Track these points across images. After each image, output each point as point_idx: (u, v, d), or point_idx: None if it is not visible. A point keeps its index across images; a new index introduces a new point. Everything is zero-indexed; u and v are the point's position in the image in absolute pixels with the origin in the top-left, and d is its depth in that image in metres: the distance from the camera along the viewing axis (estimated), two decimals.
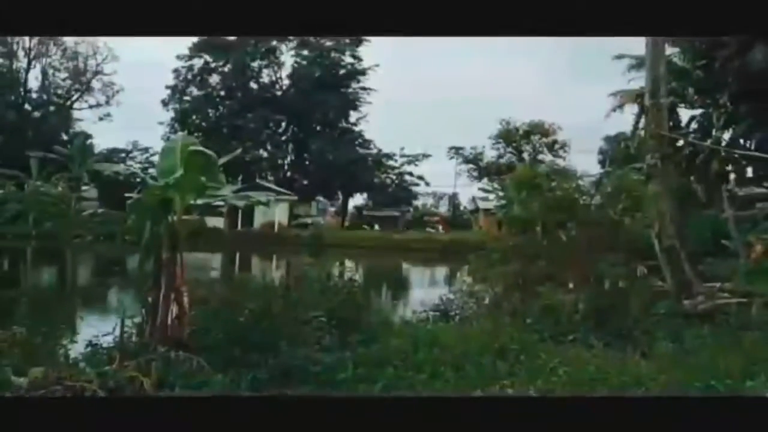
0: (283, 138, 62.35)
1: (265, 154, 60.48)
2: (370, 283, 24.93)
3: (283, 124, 61.92)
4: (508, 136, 56.30)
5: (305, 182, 59.99)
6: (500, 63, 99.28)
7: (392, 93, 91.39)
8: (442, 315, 10.20)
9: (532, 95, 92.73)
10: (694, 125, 21.45)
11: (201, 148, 7.67)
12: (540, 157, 52.70)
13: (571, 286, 11.14)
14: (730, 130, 20.68)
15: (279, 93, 62.26)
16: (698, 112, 21.31)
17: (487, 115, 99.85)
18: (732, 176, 20.97)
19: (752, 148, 18.67)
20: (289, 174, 61.30)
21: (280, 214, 48.54)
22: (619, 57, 27.17)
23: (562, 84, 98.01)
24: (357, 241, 45.40)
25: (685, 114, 21.48)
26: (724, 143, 20.13)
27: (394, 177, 64.11)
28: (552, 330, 8.28)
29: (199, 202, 8.06)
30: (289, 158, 62.31)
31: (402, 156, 63.07)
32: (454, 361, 6.28)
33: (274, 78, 63.18)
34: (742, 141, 19.76)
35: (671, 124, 17.25)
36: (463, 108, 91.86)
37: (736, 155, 19.44)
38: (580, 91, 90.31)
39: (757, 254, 20.36)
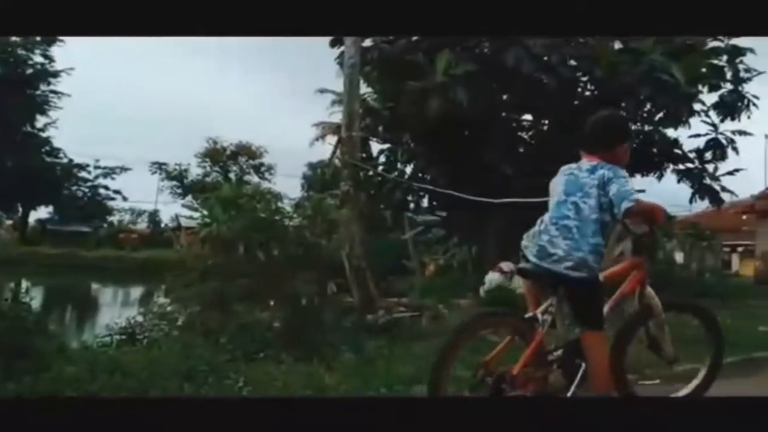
0: None
1: None
2: (51, 306, 22.36)
3: None
4: (215, 154, 55.73)
5: None
6: (213, 79, 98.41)
7: (89, 100, 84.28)
8: (128, 338, 9.51)
9: (243, 116, 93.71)
10: (383, 158, 23.95)
11: None
12: (246, 178, 53.06)
13: (271, 303, 11.34)
14: (411, 165, 23.69)
15: None
16: (386, 146, 23.84)
17: (195, 131, 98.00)
18: (411, 205, 24.06)
19: (428, 180, 21.51)
20: None
21: None
22: (322, 91, 29.39)
23: (274, 109, 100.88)
24: (38, 259, 40.33)
25: (376, 147, 23.89)
26: (406, 176, 22.98)
27: (86, 190, 58.57)
28: (246, 348, 8.29)
29: None
30: None
31: (96, 168, 58.15)
32: (138, 387, 5.88)
33: None
34: (420, 175, 22.70)
35: (364, 155, 18.96)
36: (170, 122, 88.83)
37: (415, 187, 22.34)
38: (290, 119, 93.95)
39: (430, 272, 23.67)
